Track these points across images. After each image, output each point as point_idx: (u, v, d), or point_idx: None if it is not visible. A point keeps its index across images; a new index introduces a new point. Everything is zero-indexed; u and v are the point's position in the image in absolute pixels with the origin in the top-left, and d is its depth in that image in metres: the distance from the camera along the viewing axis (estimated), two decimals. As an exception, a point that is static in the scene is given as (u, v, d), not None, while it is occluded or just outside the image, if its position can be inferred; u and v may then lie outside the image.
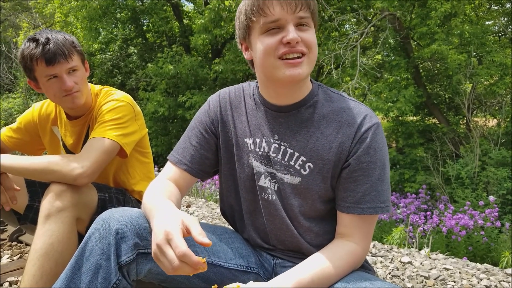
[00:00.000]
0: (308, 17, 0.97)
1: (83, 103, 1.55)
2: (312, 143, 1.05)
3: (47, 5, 11.98)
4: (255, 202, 1.15)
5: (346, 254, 1.01)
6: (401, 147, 8.67)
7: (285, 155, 1.08)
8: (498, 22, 9.34)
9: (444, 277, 2.13)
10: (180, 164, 1.17)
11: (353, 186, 1.02)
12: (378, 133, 1.01)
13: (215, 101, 1.21)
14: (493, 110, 8.16)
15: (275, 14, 0.95)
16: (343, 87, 7.30)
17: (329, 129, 1.04)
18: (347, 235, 1.04)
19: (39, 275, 1.23)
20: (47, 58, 1.41)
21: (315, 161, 1.05)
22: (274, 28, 0.97)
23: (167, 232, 0.83)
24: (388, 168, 1.04)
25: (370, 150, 1.00)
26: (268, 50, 0.97)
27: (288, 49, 0.96)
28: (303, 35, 0.97)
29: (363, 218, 1.02)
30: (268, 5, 0.96)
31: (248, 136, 1.14)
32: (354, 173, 1.01)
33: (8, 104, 12.62)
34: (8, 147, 1.76)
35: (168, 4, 11.02)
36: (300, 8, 0.95)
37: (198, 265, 0.80)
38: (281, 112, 1.09)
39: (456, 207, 5.31)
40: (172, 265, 0.80)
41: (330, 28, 9.28)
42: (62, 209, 1.30)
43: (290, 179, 1.08)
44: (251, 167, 1.14)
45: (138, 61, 12.13)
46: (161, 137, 10.28)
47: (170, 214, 0.89)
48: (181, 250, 0.80)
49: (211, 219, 3.51)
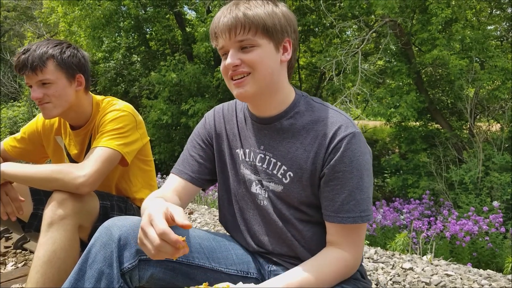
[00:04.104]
0: (248, 39, 1.02)
1: (55, 116, 1.57)
2: (292, 152, 1.10)
3: (51, 15, 12.14)
4: (249, 209, 1.20)
5: (335, 260, 1.03)
6: (404, 152, 8.65)
7: (269, 164, 1.13)
8: (500, 27, 9.36)
9: (445, 283, 2.13)
10: (181, 174, 1.23)
11: (331, 196, 1.05)
12: (353, 143, 1.03)
13: (211, 115, 1.29)
14: (496, 115, 8.12)
15: (219, 43, 1.06)
16: (345, 93, 7.32)
17: (308, 139, 1.08)
18: (336, 243, 1.06)
19: (42, 282, 1.25)
20: (18, 68, 1.49)
21: (295, 170, 1.09)
22: (224, 54, 1.07)
23: (149, 215, 0.87)
24: (369, 177, 1.05)
25: (345, 160, 1.02)
26: (223, 72, 1.09)
27: (231, 72, 1.05)
28: (245, 56, 1.03)
29: (346, 227, 1.04)
30: (213, 35, 1.07)
31: (239, 147, 1.21)
32: (331, 183, 1.04)
33: (13, 113, 12.74)
34: (12, 157, 1.79)
35: (170, 12, 11.12)
36: (237, 32, 1.02)
37: (177, 243, 0.82)
38: (264, 124, 1.15)
39: (460, 213, 5.28)
40: (153, 244, 0.83)
41: (332, 35, 9.32)
42: (64, 217, 1.32)
43: (274, 187, 1.13)
44: (243, 176, 1.20)
45: (141, 69, 12.22)
46: (164, 144, 10.31)
47: (157, 203, 0.95)
48: (160, 228, 0.83)
49: (213, 226, 3.52)
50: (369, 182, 1.05)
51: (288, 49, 1.10)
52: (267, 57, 1.04)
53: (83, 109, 1.63)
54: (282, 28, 1.06)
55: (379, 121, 11.16)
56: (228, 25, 1.02)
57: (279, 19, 1.05)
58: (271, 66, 1.05)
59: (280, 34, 1.06)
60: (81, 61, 1.59)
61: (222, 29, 1.03)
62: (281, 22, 1.05)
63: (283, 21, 1.06)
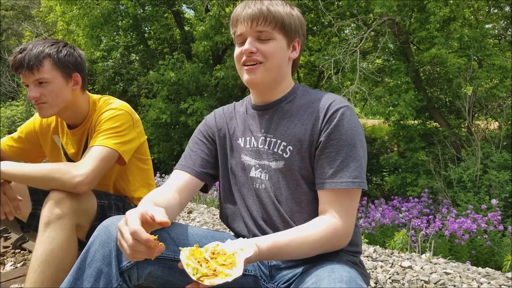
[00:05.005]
0: (267, 31, 1.14)
1: (51, 115, 1.58)
2: (291, 129, 1.18)
3: (50, 14, 12.10)
4: (249, 195, 1.23)
5: (324, 225, 1.07)
6: (402, 151, 8.66)
7: (270, 144, 1.21)
8: (498, 26, 9.37)
9: (444, 281, 2.13)
10: (185, 169, 1.26)
11: (325, 163, 1.11)
12: (347, 115, 1.12)
13: (211, 116, 1.38)
14: (494, 113, 8.14)
15: (239, 30, 1.17)
16: (344, 92, 7.33)
17: (305, 115, 1.18)
18: (326, 211, 1.10)
19: (40, 281, 1.25)
20: (15, 67, 1.49)
21: (294, 144, 1.17)
22: (241, 42, 1.18)
23: (126, 215, 0.89)
24: (362, 148, 1.12)
25: (339, 128, 1.11)
26: (236, 57, 1.20)
27: (246, 58, 1.16)
28: (261, 46, 1.15)
29: (339, 193, 1.08)
30: (235, 22, 1.19)
31: (239, 137, 1.29)
32: (326, 150, 1.11)
33: (11, 112, 12.71)
34: (9, 156, 1.79)
35: (169, 11, 11.11)
36: (258, 23, 1.13)
37: (148, 242, 0.82)
38: (265, 110, 1.24)
39: (458, 211, 5.29)
40: (128, 243, 0.84)
41: (330, 34, 9.33)
42: (61, 216, 1.32)
43: (276, 165, 1.19)
44: (242, 163, 1.26)
45: (140, 68, 12.20)
46: (163, 143, 10.30)
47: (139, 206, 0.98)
48: (132, 227, 0.84)
49: (213, 225, 3.52)
50: (363, 153, 1.12)
51: (297, 49, 1.23)
52: (280, 51, 1.16)
53: (80, 108, 1.63)
54: (296, 29, 1.20)
55: (378, 119, 11.19)
56: (252, 15, 1.13)
57: (294, 20, 1.19)
58: (281, 60, 1.18)
59: (294, 33, 1.19)
60: (77, 60, 1.58)
61: (245, 18, 1.14)
62: (296, 23, 1.19)
63: (297, 23, 1.20)
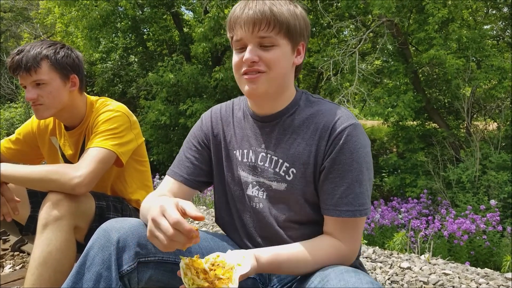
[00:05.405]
0: (270, 37, 1.00)
1: (48, 117, 1.58)
2: (293, 148, 1.09)
3: (48, 16, 12.10)
4: (246, 211, 1.19)
5: (328, 246, 1.03)
6: (401, 152, 8.66)
7: (271, 162, 1.11)
8: (496, 27, 9.39)
9: (443, 282, 2.13)
10: (177, 177, 1.21)
11: (330, 189, 1.03)
12: (354, 134, 1.01)
13: (207, 117, 1.27)
14: (492, 114, 8.14)
15: (238, 35, 1.03)
16: (343, 93, 7.33)
17: (308, 133, 1.07)
18: (332, 234, 1.05)
19: (38, 283, 1.25)
20: (12, 68, 1.49)
21: (297, 166, 1.07)
22: (241, 47, 1.04)
23: (161, 206, 0.87)
24: (368, 170, 1.04)
25: (344, 152, 1.01)
26: (235, 66, 1.06)
27: (246, 68, 1.03)
28: (264, 54, 1.01)
29: (344, 220, 1.03)
30: (233, 25, 1.03)
31: (236, 148, 1.19)
32: (330, 175, 1.03)
33: (10, 114, 12.69)
34: (7, 158, 1.78)
35: (168, 13, 11.11)
36: (260, 28, 0.99)
37: (191, 232, 0.82)
38: (266, 122, 1.14)
39: (457, 212, 5.29)
40: (167, 234, 0.83)
41: (329, 35, 9.34)
42: (59, 218, 1.31)
43: (277, 186, 1.11)
44: (239, 178, 1.18)
45: (139, 70, 12.19)
46: (162, 145, 10.29)
47: (165, 198, 0.95)
48: (174, 217, 0.83)
49: (212, 226, 3.52)
50: (369, 175, 1.04)
51: (302, 53, 1.10)
52: (284, 58, 1.04)
53: (77, 109, 1.63)
54: (301, 31, 1.06)
55: (377, 120, 11.18)
56: (253, 18, 0.99)
57: (299, 21, 1.05)
58: (285, 68, 1.06)
59: (299, 36, 1.06)
60: (75, 62, 1.58)
61: (246, 21, 1.00)
62: (301, 25, 1.05)
63: (302, 24, 1.06)
